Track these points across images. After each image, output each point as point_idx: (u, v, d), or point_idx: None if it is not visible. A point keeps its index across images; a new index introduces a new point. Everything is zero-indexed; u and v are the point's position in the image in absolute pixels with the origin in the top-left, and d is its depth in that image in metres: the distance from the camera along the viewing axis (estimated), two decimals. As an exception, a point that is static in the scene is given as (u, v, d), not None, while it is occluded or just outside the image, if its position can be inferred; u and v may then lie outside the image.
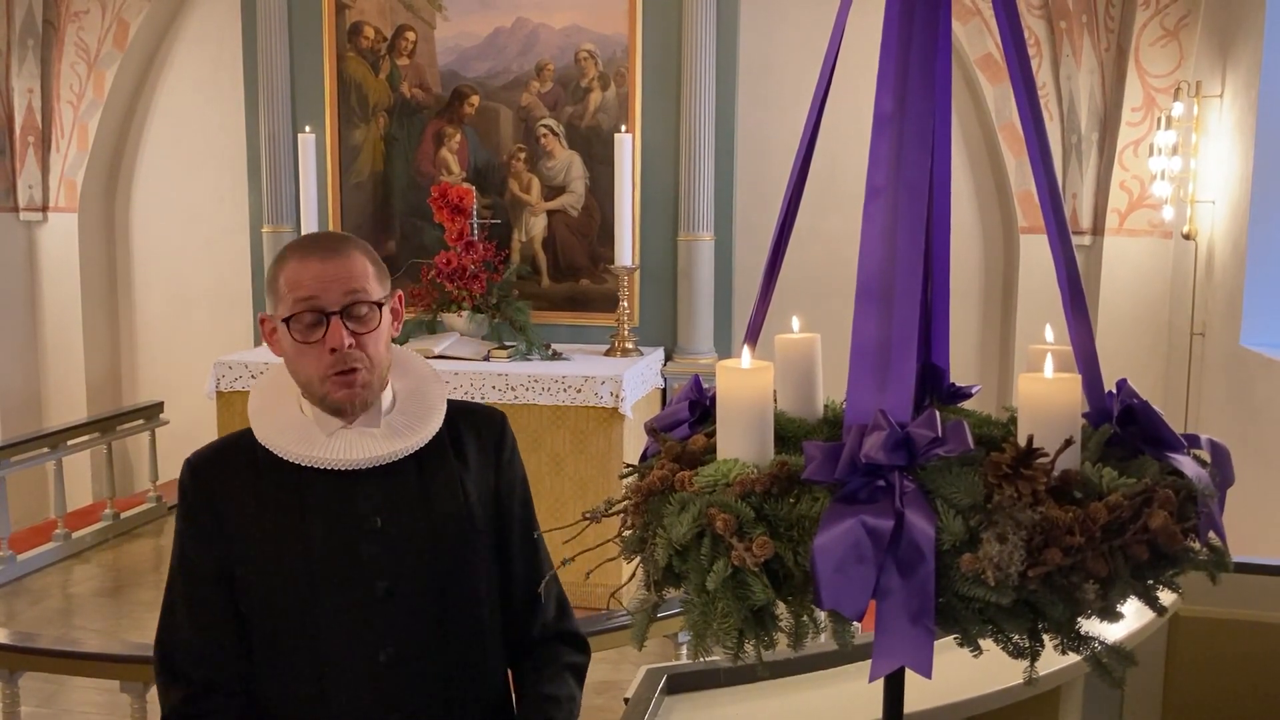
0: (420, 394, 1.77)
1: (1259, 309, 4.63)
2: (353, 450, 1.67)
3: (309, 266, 1.63)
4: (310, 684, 1.68)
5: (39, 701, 4.22)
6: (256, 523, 1.68)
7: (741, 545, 1.09)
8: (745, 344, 1.31)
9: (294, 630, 1.68)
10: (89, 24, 6.57)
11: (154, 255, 7.03)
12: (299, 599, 1.67)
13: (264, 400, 1.74)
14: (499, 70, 6.01)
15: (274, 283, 1.67)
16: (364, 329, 1.65)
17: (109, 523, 6.16)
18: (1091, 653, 1.13)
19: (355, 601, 1.67)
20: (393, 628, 1.68)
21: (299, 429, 1.69)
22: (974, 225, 6.07)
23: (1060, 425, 1.13)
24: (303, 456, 1.67)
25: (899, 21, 1.22)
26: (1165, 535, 1.07)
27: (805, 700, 2.27)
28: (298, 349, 1.65)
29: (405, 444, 1.70)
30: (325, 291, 1.62)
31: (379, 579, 1.68)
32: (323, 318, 1.62)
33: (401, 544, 1.69)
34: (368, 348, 1.65)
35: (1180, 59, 5.30)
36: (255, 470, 1.70)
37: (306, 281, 1.62)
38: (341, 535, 1.68)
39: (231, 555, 1.69)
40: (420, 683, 1.70)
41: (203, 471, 1.73)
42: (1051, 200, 1.30)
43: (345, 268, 1.64)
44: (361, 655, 1.67)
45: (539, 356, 5.40)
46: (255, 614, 1.70)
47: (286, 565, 1.67)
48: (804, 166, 1.41)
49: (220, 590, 1.70)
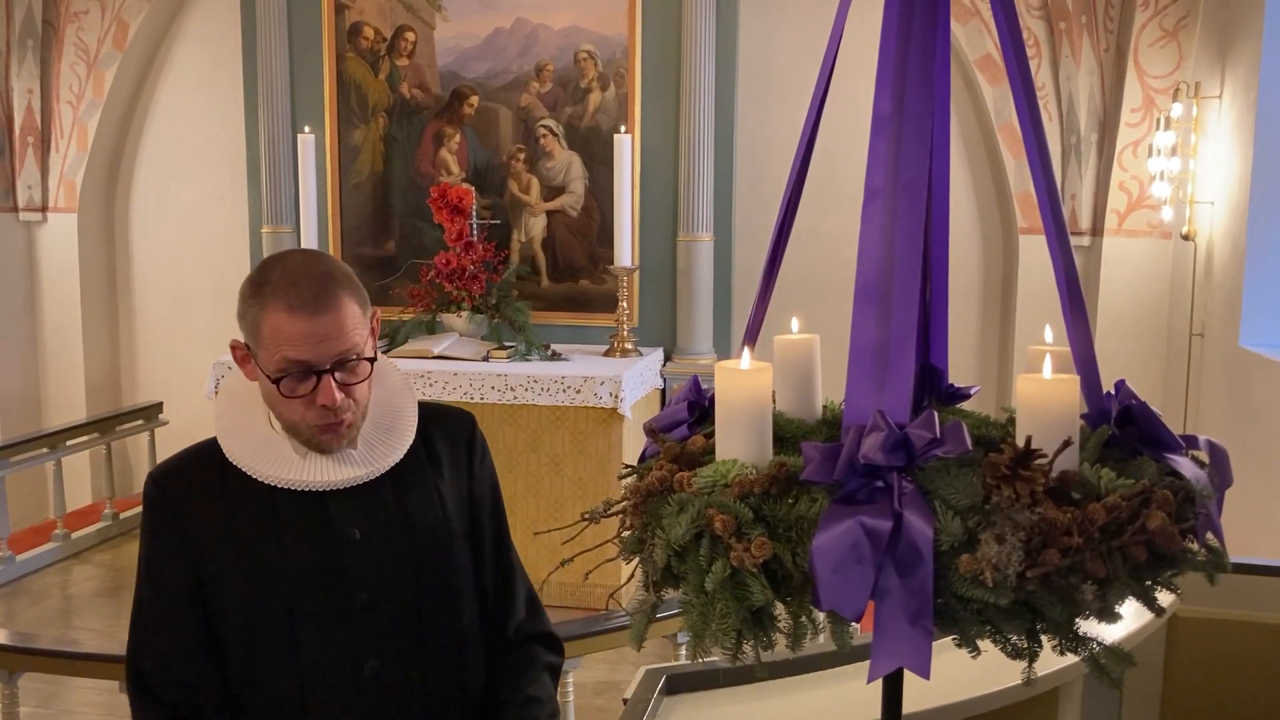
0: (392, 407, 1.72)
1: (1258, 310, 4.63)
2: (328, 472, 1.63)
3: (297, 324, 1.55)
4: (292, 700, 1.64)
5: (38, 702, 4.21)
6: (228, 538, 1.63)
7: (740, 546, 1.09)
8: (744, 345, 1.32)
9: (272, 647, 1.63)
10: (88, 24, 6.57)
11: (153, 255, 7.03)
12: (276, 615, 1.62)
13: (231, 419, 1.68)
14: (498, 71, 6.01)
15: (256, 326, 1.58)
16: (354, 379, 1.60)
17: (108, 523, 6.16)
18: (1090, 653, 1.13)
19: (335, 615, 1.63)
20: (375, 640, 1.65)
21: (270, 448, 1.64)
22: (973, 226, 6.07)
23: (1059, 426, 1.13)
24: (277, 479, 1.62)
25: (898, 22, 1.22)
26: (1163, 536, 1.07)
27: (804, 701, 2.27)
28: (281, 400, 1.59)
29: (382, 464, 1.67)
30: (316, 353, 1.55)
31: (359, 592, 1.64)
32: (313, 375, 1.57)
33: (381, 555, 1.66)
34: (356, 394, 1.61)
35: (1179, 60, 5.30)
36: (224, 483, 1.64)
37: (296, 340, 1.55)
38: (319, 550, 1.64)
39: (202, 572, 1.64)
40: (404, 693, 1.67)
41: (168, 485, 1.67)
42: (1050, 201, 1.30)
43: (336, 324, 1.56)
44: (345, 668, 1.64)
45: (538, 357, 5.40)
46: (230, 631, 1.65)
47: (262, 581, 1.62)
48: (803, 167, 1.41)
49: (191, 607, 1.64)
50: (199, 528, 1.64)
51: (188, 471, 1.68)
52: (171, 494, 1.66)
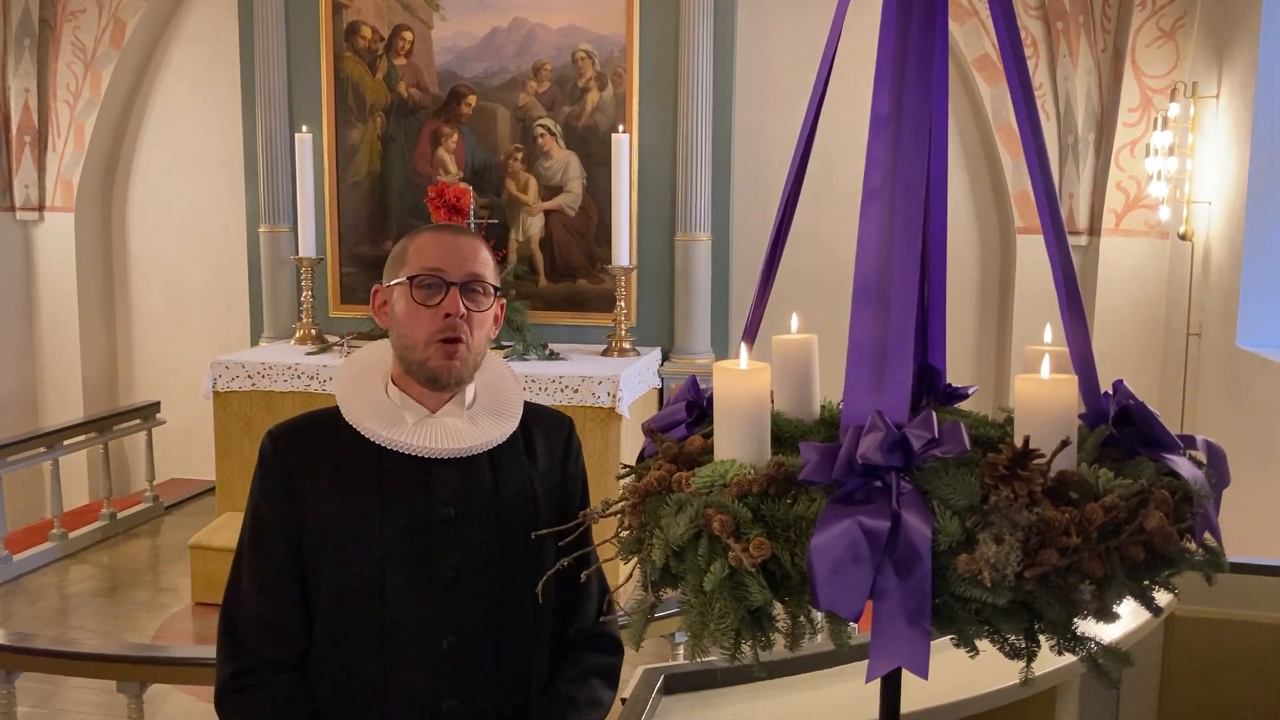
0: (500, 391, 1.84)
1: (1255, 310, 4.64)
2: (436, 439, 1.73)
3: (442, 240, 1.76)
4: (374, 663, 1.71)
5: (35, 702, 4.21)
6: (333, 500, 1.71)
7: (738, 546, 1.09)
8: (743, 343, 1.32)
9: (361, 611, 1.70)
10: (85, 23, 6.56)
11: (151, 255, 7.02)
12: (369, 580, 1.70)
13: (352, 382, 1.79)
14: (496, 70, 6.01)
15: (401, 254, 1.77)
16: (477, 308, 1.74)
17: (106, 523, 6.15)
18: (1088, 653, 1.13)
19: (422, 586, 1.71)
20: (456, 616, 1.72)
21: (387, 413, 1.74)
22: (971, 226, 6.07)
23: (1057, 426, 1.13)
24: (388, 440, 1.71)
25: (896, 22, 1.22)
26: (1161, 536, 1.07)
27: (802, 700, 2.27)
28: (411, 310, 1.72)
29: (487, 438, 1.76)
30: (452, 264, 1.73)
31: (447, 567, 1.72)
32: (443, 285, 1.72)
33: (471, 535, 1.74)
34: (474, 327, 1.74)
35: (1177, 60, 5.31)
36: (336, 448, 1.74)
37: (436, 253, 1.74)
38: (416, 520, 1.71)
39: (305, 529, 1.72)
40: (476, 672, 1.74)
41: (283, 443, 1.76)
42: (1048, 201, 1.30)
43: (474, 249, 1.76)
44: (425, 640, 1.71)
45: (536, 356, 5.39)
46: (323, 592, 1.72)
47: (360, 544, 1.70)
48: (801, 166, 1.41)
49: (288, 562, 1.73)
50: (307, 486, 1.73)
51: (303, 432, 1.78)
52: (285, 451, 1.76)
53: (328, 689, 1.73)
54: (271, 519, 1.74)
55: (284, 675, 1.73)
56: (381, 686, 1.71)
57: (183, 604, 5.21)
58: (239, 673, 1.72)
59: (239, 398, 5.31)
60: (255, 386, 5.29)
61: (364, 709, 1.72)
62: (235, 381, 5.31)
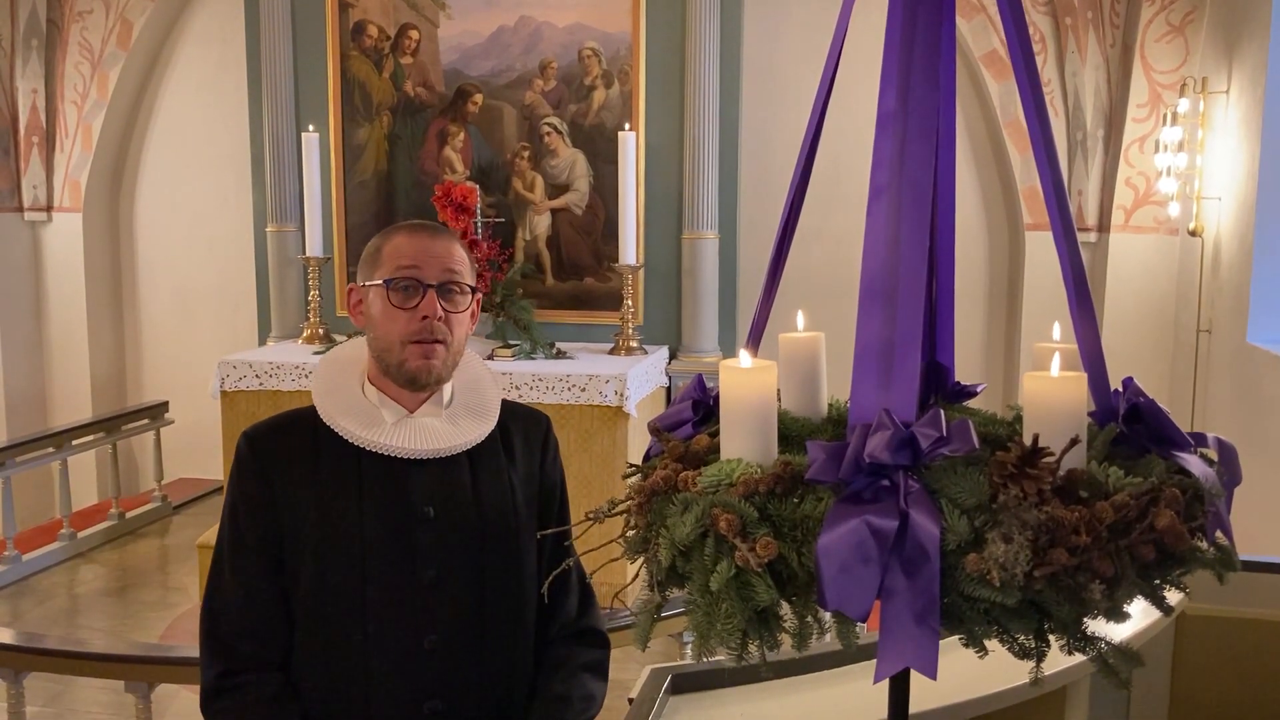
0: (478, 391, 1.84)
1: (1266, 305, 4.62)
2: (416, 439, 1.72)
3: (417, 240, 1.74)
4: (356, 664, 1.70)
5: (44, 701, 4.22)
6: (311, 499, 1.71)
7: (745, 546, 1.09)
8: (746, 346, 1.31)
9: (342, 611, 1.70)
10: (93, 24, 6.58)
11: (158, 255, 7.04)
12: (349, 580, 1.70)
13: (329, 382, 1.78)
14: (502, 69, 6.01)
15: (375, 254, 1.75)
16: (454, 309, 1.74)
17: (114, 522, 6.17)
18: (1097, 653, 1.13)
19: (402, 587, 1.71)
20: (437, 615, 1.72)
21: (365, 413, 1.74)
22: (979, 223, 6.05)
23: (1066, 424, 1.12)
24: (366, 440, 1.71)
25: (902, 19, 1.22)
26: (1172, 535, 1.06)
27: (810, 700, 2.27)
28: (388, 312, 1.71)
29: (465, 438, 1.76)
30: (428, 265, 1.72)
31: (427, 567, 1.71)
32: (420, 288, 1.71)
33: (451, 534, 1.73)
34: (452, 327, 1.73)
35: (1186, 55, 5.28)
36: (314, 448, 1.73)
37: (412, 254, 1.72)
38: (395, 521, 1.71)
39: (283, 529, 1.71)
40: (459, 671, 1.73)
41: (260, 444, 1.75)
42: (1057, 197, 1.29)
43: (449, 249, 1.75)
44: (407, 640, 1.71)
45: (543, 355, 5.39)
46: (303, 592, 1.71)
47: (339, 545, 1.70)
48: (808, 164, 1.40)
49: (268, 562, 1.72)
50: (285, 485, 1.72)
51: (280, 431, 1.77)
52: (261, 450, 1.74)
53: (310, 690, 1.73)
54: (250, 520, 1.73)
55: (270, 675, 1.72)
56: (364, 687, 1.70)
57: (191, 603, 5.22)
58: (225, 674, 1.72)
59: (247, 397, 5.31)
60: (263, 386, 5.30)
61: (347, 710, 1.71)
62: (243, 381, 5.32)
